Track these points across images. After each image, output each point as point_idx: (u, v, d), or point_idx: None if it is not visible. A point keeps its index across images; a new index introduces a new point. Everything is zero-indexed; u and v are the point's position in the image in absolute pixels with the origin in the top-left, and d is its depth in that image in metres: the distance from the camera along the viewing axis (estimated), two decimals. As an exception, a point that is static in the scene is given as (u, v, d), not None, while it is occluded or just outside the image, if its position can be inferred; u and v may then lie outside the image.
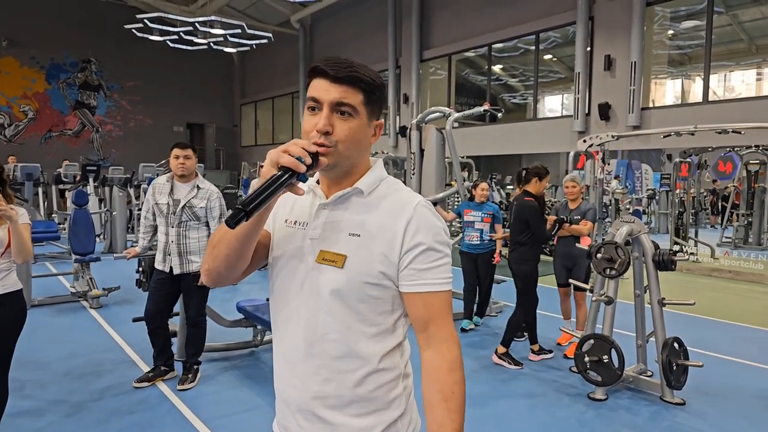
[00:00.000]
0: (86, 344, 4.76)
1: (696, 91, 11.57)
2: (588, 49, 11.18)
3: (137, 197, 12.41)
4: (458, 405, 1.07)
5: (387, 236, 1.08)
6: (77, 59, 19.32)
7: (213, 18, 14.96)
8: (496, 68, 15.39)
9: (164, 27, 15.24)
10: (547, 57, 14.22)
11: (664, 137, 7.88)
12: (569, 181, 4.95)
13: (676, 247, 9.55)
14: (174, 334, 4.24)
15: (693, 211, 10.77)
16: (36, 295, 6.12)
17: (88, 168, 11.86)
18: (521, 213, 4.44)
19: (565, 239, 4.80)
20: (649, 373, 3.99)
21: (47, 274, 7.42)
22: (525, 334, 4.85)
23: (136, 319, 4.45)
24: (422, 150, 6.06)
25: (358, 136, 1.09)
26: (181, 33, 15.42)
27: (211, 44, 16.57)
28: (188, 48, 16.55)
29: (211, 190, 3.81)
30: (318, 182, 1.19)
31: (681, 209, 10.16)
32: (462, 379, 1.10)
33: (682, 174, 10.11)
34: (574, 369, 4.04)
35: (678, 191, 10.16)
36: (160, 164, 13.19)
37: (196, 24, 14.73)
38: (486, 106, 6.21)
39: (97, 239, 8.48)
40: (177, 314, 4.26)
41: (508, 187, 14.91)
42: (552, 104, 16.85)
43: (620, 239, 3.80)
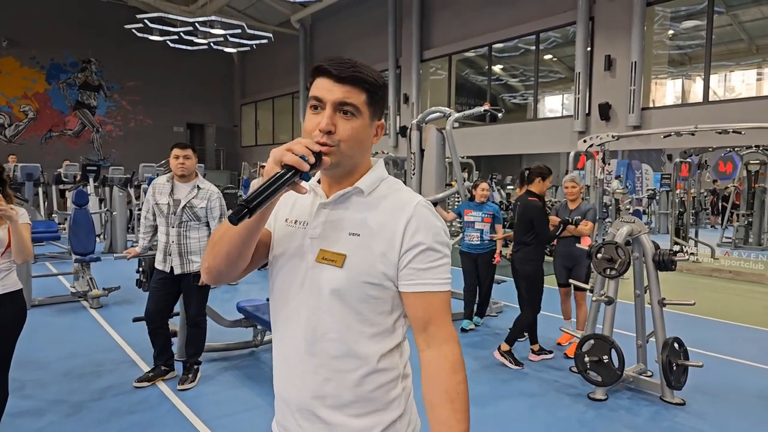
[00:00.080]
0: (86, 344, 4.76)
1: (696, 91, 11.57)
2: (588, 49, 11.18)
3: (137, 197, 12.42)
4: (464, 405, 1.07)
5: (386, 235, 1.08)
6: (77, 59, 19.33)
7: (213, 18, 14.95)
8: (497, 68, 15.39)
9: (164, 27, 15.24)
10: (548, 57, 14.22)
11: (665, 137, 7.88)
12: (569, 182, 4.95)
13: (677, 248, 9.55)
14: (174, 334, 4.25)
15: (693, 212, 10.76)
16: (36, 295, 6.12)
17: (89, 168, 11.86)
18: (526, 213, 4.44)
19: (566, 239, 4.80)
20: (649, 374, 3.99)
21: (47, 274, 7.42)
22: (525, 334, 4.85)
23: (137, 319, 4.45)
24: (422, 150, 6.06)
25: (361, 136, 1.09)
26: (182, 33, 15.42)
27: (212, 44, 16.57)
28: (188, 48, 16.56)
29: (212, 191, 3.82)
30: (319, 181, 1.19)
31: (681, 209, 10.15)
32: (465, 380, 1.09)
33: (683, 174, 10.10)
34: (575, 369, 4.04)
35: (678, 191, 10.16)
36: (160, 164, 13.19)
37: (197, 24, 14.73)
38: (486, 106, 6.22)
39: (98, 239, 8.48)
40: (177, 314, 4.27)
41: (509, 188, 14.91)
42: (552, 104, 16.85)
43: (620, 239, 3.80)
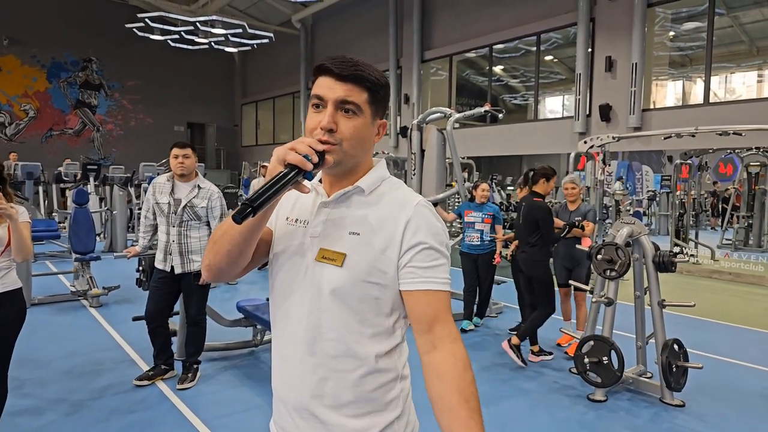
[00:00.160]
0: (86, 343, 4.76)
1: (697, 93, 11.57)
2: (589, 51, 11.18)
3: (137, 196, 12.41)
4: (478, 405, 1.05)
5: (387, 233, 1.08)
6: (78, 58, 19.33)
7: (214, 17, 14.96)
8: (497, 69, 15.39)
9: (165, 26, 15.26)
10: (548, 58, 14.22)
11: (665, 139, 7.88)
12: (569, 183, 4.95)
13: (677, 249, 9.55)
14: (174, 334, 4.25)
15: (693, 213, 10.77)
16: (36, 294, 6.12)
17: (89, 167, 11.86)
18: (531, 214, 4.43)
19: (566, 240, 4.80)
20: (649, 375, 3.99)
21: (47, 273, 7.42)
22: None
23: (136, 318, 4.45)
24: (423, 150, 6.07)
25: (362, 135, 1.09)
26: (182, 32, 15.44)
27: (212, 44, 16.59)
28: (189, 47, 16.57)
29: (212, 190, 3.82)
30: (320, 180, 1.18)
31: (681, 211, 10.16)
32: (474, 379, 1.07)
33: (683, 176, 10.11)
34: (574, 370, 4.04)
35: (678, 193, 10.16)
36: (161, 164, 13.19)
37: (197, 23, 14.75)
38: (487, 107, 6.23)
39: (98, 238, 8.47)
40: (177, 313, 4.27)
41: (509, 188, 14.91)
42: (553, 105, 16.85)
43: (620, 240, 3.80)
